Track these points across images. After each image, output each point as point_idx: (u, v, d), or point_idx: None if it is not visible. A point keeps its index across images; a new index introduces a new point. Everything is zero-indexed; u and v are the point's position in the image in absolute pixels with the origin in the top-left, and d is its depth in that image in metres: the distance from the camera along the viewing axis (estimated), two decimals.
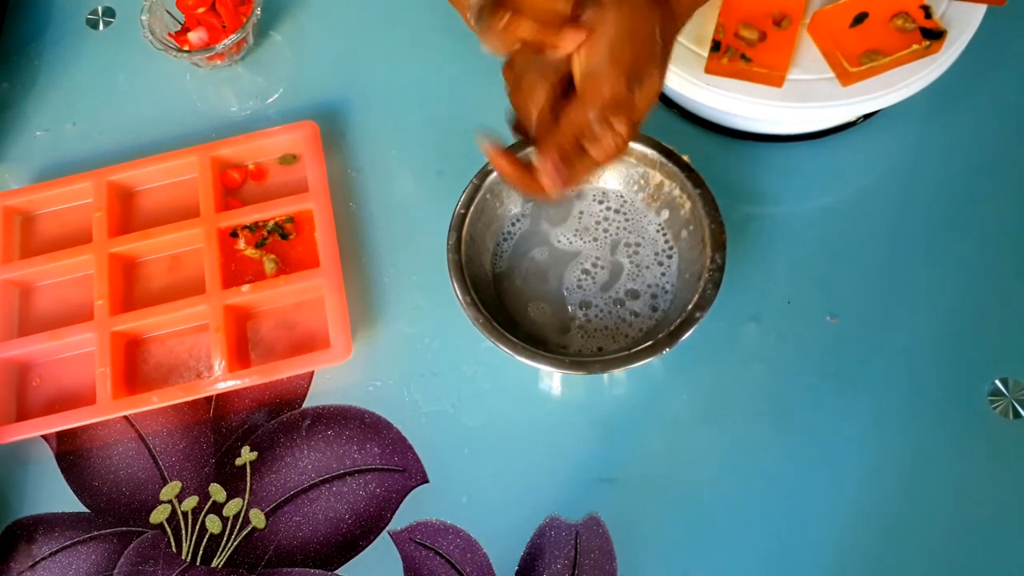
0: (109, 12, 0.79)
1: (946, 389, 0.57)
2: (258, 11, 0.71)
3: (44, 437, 0.61)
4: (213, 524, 0.58)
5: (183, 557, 0.57)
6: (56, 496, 0.59)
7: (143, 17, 0.71)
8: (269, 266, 0.64)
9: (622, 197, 0.61)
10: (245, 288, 0.62)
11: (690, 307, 0.53)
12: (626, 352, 0.52)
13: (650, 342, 0.52)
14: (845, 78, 0.57)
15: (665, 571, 0.54)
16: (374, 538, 0.56)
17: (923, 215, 0.62)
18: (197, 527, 0.58)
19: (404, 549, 0.56)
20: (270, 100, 0.73)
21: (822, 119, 0.62)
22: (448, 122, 0.70)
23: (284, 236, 0.65)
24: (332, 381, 0.61)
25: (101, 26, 0.78)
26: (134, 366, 0.63)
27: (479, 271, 0.58)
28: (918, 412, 0.57)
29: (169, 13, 0.73)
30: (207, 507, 0.58)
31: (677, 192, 0.58)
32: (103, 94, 0.74)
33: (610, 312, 0.58)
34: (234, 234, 0.65)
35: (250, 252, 0.65)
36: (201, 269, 0.63)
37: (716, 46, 0.58)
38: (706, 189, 0.56)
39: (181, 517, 0.58)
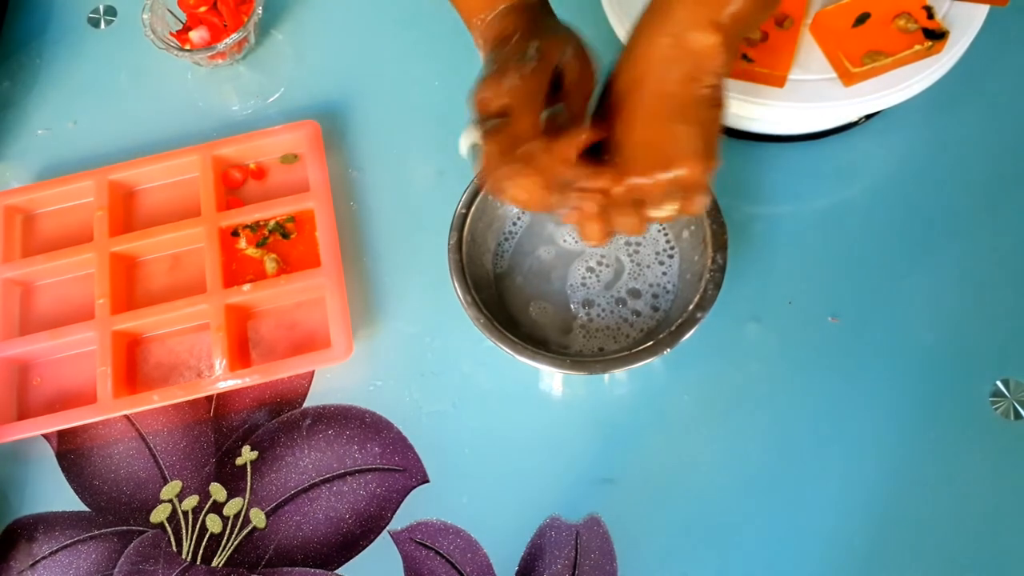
0: (110, 11, 0.79)
1: (947, 390, 0.57)
2: (259, 10, 0.71)
3: (45, 436, 0.61)
4: (213, 523, 0.58)
5: (183, 556, 0.57)
6: (57, 495, 0.59)
7: (144, 16, 0.71)
8: (270, 265, 0.64)
9: None
10: (246, 287, 0.62)
11: (691, 307, 0.53)
12: (627, 352, 0.52)
13: (651, 342, 0.52)
14: (847, 78, 0.57)
15: (665, 571, 0.54)
16: (374, 538, 0.56)
17: (925, 215, 0.62)
18: (197, 526, 0.58)
19: (404, 549, 0.56)
20: (271, 99, 0.72)
21: (824, 119, 0.62)
22: (449, 122, 0.69)
23: (285, 235, 0.65)
24: (333, 381, 0.61)
25: (102, 25, 0.78)
26: (135, 365, 0.63)
27: (480, 271, 0.58)
28: (919, 413, 0.57)
29: (171, 12, 0.73)
30: (207, 506, 0.58)
31: None
32: (104, 93, 0.74)
33: (611, 312, 0.58)
34: (235, 233, 0.65)
35: (251, 251, 0.65)
36: (202, 268, 0.63)
37: None
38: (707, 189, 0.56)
39: (181, 516, 0.58)
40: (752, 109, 0.58)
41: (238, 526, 0.58)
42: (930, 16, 0.57)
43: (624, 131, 0.46)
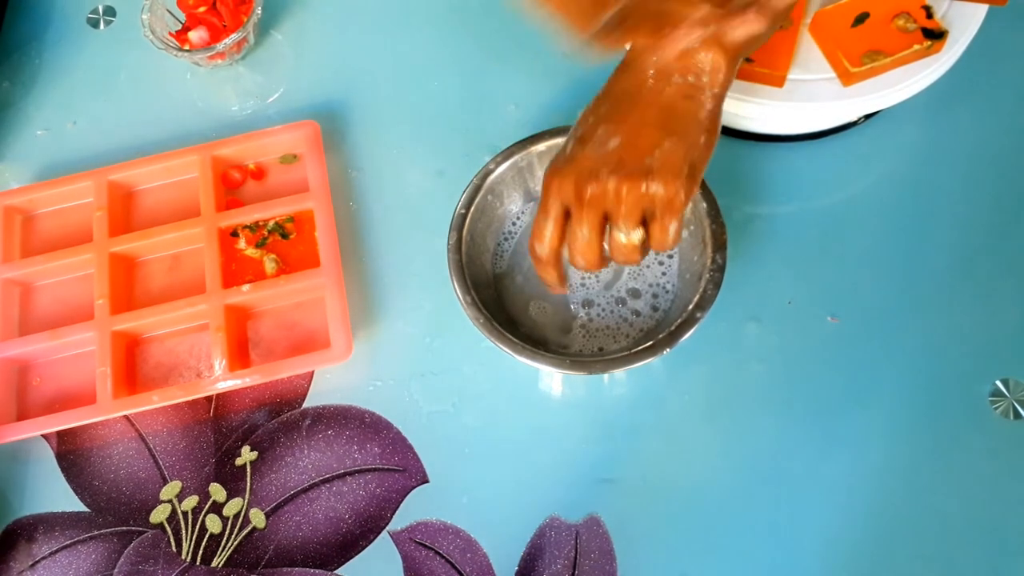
0: (110, 11, 0.79)
1: (947, 389, 0.57)
2: (259, 10, 0.71)
3: (44, 436, 0.61)
4: (213, 524, 0.58)
5: (183, 557, 0.57)
6: (56, 495, 0.59)
7: (144, 16, 0.71)
8: (269, 266, 0.64)
9: None
10: (245, 288, 0.62)
11: (691, 307, 0.53)
12: (627, 352, 0.52)
13: (651, 342, 0.52)
14: (846, 78, 0.57)
15: (665, 571, 0.54)
16: (374, 538, 0.56)
17: (924, 215, 0.62)
18: (197, 527, 0.58)
19: (404, 549, 0.56)
20: (271, 99, 0.72)
21: (823, 119, 0.62)
22: (449, 122, 0.70)
23: (284, 236, 0.65)
24: (332, 381, 0.61)
25: (102, 25, 0.78)
26: (134, 365, 0.63)
27: (480, 271, 0.58)
28: (919, 412, 0.57)
29: (170, 12, 0.73)
30: (207, 507, 0.58)
31: None
32: (104, 93, 0.74)
33: (611, 311, 0.58)
34: (234, 233, 0.65)
35: (250, 252, 0.65)
36: (201, 268, 0.63)
37: None
38: (707, 189, 0.56)
39: (181, 517, 0.58)
40: (751, 109, 0.58)
41: (238, 526, 0.58)
42: (929, 16, 0.57)
43: (609, 132, 0.45)
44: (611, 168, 0.44)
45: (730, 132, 0.66)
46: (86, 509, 0.59)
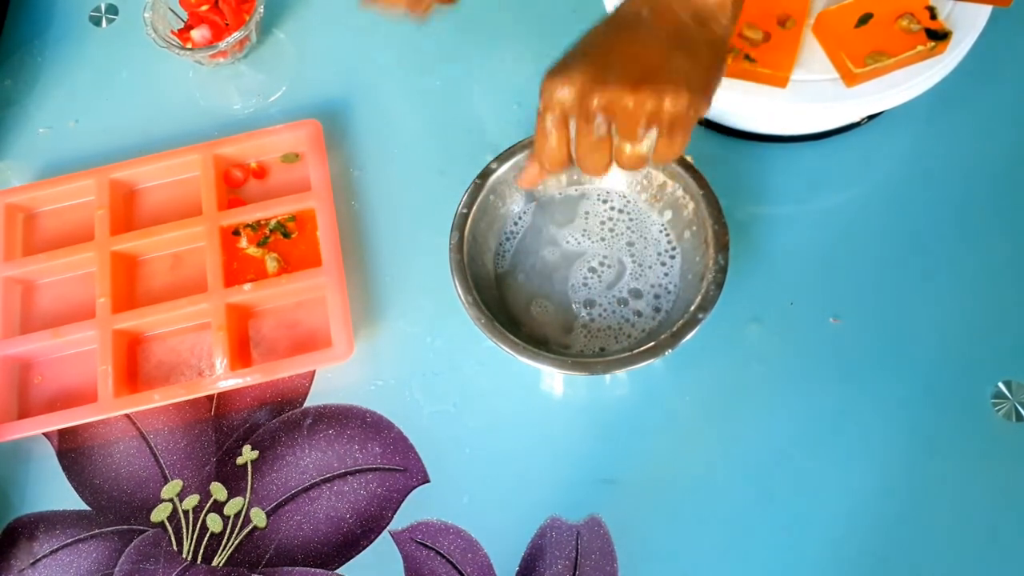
0: (112, 9, 0.79)
1: (949, 392, 0.57)
2: (261, 9, 0.71)
3: (45, 435, 0.61)
4: (214, 523, 0.58)
5: (184, 556, 0.57)
6: (57, 494, 0.59)
7: (146, 14, 0.71)
8: (271, 265, 0.64)
9: (625, 197, 0.61)
10: (247, 287, 0.62)
11: (692, 308, 0.53)
12: (628, 353, 0.52)
13: (652, 343, 0.52)
14: (849, 79, 0.57)
15: (666, 572, 0.54)
16: (375, 538, 0.56)
17: (926, 217, 0.62)
18: (198, 526, 0.58)
19: (405, 549, 0.56)
20: (273, 98, 0.72)
21: (826, 120, 0.62)
22: (450, 121, 0.70)
23: (286, 235, 0.65)
24: (334, 380, 0.61)
25: (104, 23, 0.78)
26: (135, 364, 0.63)
27: (481, 271, 0.58)
28: (920, 414, 0.57)
29: (172, 11, 0.73)
30: (208, 506, 0.58)
31: (680, 193, 0.58)
32: (106, 91, 0.74)
33: (613, 312, 0.58)
34: (236, 232, 0.65)
35: (252, 251, 0.65)
36: (203, 267, 0.63)
37: None
38: (709, 190, 0.56)
39: (182, 515, 0.58)
40: (755, 109, 0.58)
41: (239, 525, 0.58)
42: (933, 17, 0.57)
43: (620, 50, 0.43)
44: (618, 77, 0.42)
45: (733, 132, 0.66)
46: (87, 507, 0.59)
